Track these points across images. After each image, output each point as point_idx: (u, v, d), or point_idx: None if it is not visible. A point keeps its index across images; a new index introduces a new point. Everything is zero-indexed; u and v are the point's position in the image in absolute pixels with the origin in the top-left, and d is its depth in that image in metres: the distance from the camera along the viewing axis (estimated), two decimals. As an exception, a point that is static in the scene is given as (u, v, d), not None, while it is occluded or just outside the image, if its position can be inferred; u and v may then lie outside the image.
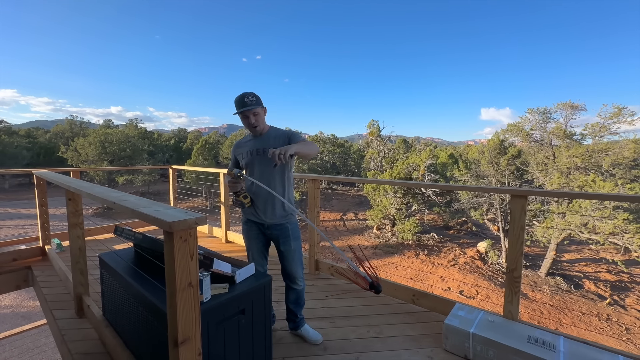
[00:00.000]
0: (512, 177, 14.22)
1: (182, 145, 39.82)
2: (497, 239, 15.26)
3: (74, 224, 2.25)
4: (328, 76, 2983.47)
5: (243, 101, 1.84)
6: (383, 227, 17.91)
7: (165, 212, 1.14)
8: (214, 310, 1.42)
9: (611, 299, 11.11)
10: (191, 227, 1.06)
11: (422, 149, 22.24)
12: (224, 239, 4.44)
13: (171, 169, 5.26)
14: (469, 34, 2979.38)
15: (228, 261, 1.79)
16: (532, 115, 13.46)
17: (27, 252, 3.55)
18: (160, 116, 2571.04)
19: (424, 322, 2.35)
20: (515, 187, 13.92)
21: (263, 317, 1.71)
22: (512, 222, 2.00)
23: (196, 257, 1.11)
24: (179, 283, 1.07)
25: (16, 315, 9.06)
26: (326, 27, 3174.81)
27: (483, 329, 1.92)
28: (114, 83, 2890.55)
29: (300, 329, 2.13)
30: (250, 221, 2.02)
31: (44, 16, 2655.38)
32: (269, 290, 1.73)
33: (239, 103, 1.85)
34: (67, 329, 2.21)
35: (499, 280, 12.41)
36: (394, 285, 2.70)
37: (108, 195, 1.55)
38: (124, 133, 26.33)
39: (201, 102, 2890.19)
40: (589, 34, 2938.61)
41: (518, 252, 1.99)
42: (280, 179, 1.94)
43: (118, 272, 1.78)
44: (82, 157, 22.49)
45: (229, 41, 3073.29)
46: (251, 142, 1.99)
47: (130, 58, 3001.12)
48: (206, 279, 1.42)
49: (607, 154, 10.89)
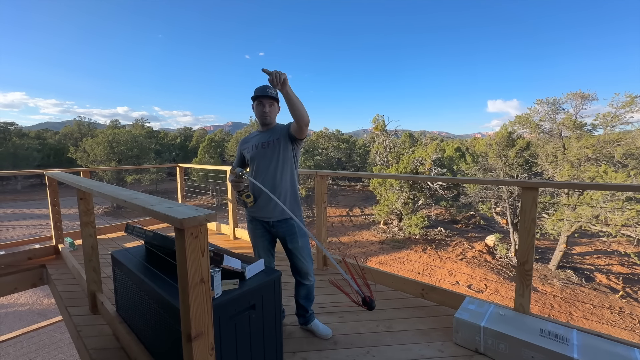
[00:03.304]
0: (520, 169, 14.02)
1: (188, 144, 40.14)
2: (506, 233, 15.10)
3: (86, 222, 2.29)
4: (332, 71, 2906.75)
5: (265, 89, 1.90)
6: (390, 222, 17.86)
7: (176, 209, 1.15)
8: (225, 305, 1.44)
9: (624, 291, 10.93)
10: (202, 224, 1.07)
11: (428, 142, 22.03)
12: (232, 235, 4.48)
13: (178, 168, 5.31)
14: (475, 24, 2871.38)
15: (237, 257, 1.81)
16: (541, 106, 13.20)
17: (41, 251, 3.64)
18: (165, 115, 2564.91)
19: (434, 316, 2.34)
20: (525, 179, 13.75)
21: (273, 312, 1.72)
22: (522, 214, 1.97)
23: (207, 253, 1.12)
24: (191, 279, 1.08)
25: (32, 313, 9.32)
26: (330, 19, 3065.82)
27: (494, 323, 1.91)
28: (119, 83, 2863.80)
29: (310, 324, 2.14)
30: (255, 219, 2.01)
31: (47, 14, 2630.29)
32: (279, 285, 1.74)
33: (260, 89, 1.90)
34: (82, 325, 2.26)
35: (508, 273, 12.30)
36: (403, 279, 2.69)
37: (119, 193, 1.57)
38: (131, 133, 26.64)
39: (206, 101, 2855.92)
40: (597, 20, 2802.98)
41: (529, 245, 1.96)
42: (287, 172, 1.94)
43: (130, 269, 1.82)
44: (90, 158, 22.85)
45: (231, 38, 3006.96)
46: (257, 136, 2.01)
47: (135, 57, 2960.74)
48: (217, 275, 1.44)
49: (620, 144, 10.63)
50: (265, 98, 1.90)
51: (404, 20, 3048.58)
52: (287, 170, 1.94)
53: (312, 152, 25.48)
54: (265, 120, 1.94)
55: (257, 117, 1.97)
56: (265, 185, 1.87)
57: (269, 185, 1.89)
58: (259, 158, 1.94)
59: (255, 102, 1.93)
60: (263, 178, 1.91)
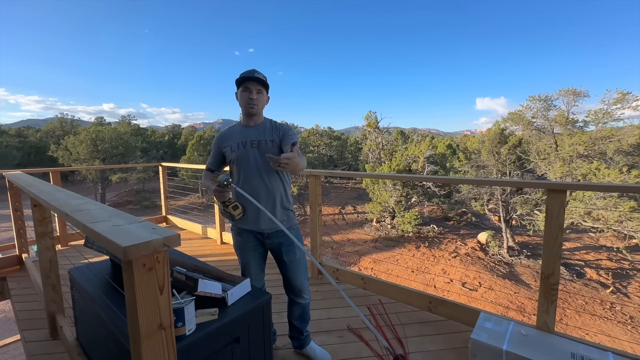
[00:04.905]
0: (513, 166, 14.01)
1: (176, 142, 39.21)
2: (498, 229, 15.11)
3: (42, 233, 1.95)
4: (323, 67, 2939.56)
5: (252, 73, 1.60)
6: (383, 220, 17.71)
7: (125, 228, 0.85)
8: (200, 344, 1.14)
9: (614, 287, 11.03)
10: (157, 251, 0.77)
11: (419, 140, 21.93)
12: (219, 240, 4.16)
13: (161, 167, 4.95)
14: (465, 22, 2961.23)
15: (218, 275, 1.51)
16: (533, 102, 13.19)
17: (3, 261, 3.25)
18: (153, 112, 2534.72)
19: (444, 333, 2.09)
20: (518, 176, 13.73)
21: (262, 343, 1.43)
22: (548, 221, 1.73)
23: (167, 289, 0.82)
24: (145, 327, 0.78)
25: (9, 321, 8.78)
26: (321, 15, 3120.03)
27: (517, 346, 1.66)
28: (105, 79, 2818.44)
29: (306, 347, 1.87)
30: (246, 231, 1.69)
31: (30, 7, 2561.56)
32: (268, 310, 1.45)
33: (246, 73, 1.60)
34: (37, 354, 1.93)
35: (501, 270, 12.29)
36: (408, 291, 2.44)
37: (65, 203, 1.26)
38: (116, 130, 25.73)
39: (195, 97, 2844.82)
40: (582, 17, 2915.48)
41: (556, 256, 1.72)
42: (280, 176, 1.66)
43: (88, 293, 1.50)
44: (73, 156, 21.97)
45: (221, 34, 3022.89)
46: (242, 132, 1.68)
47: (122, 53, 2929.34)
48: (189, 306, 1.14)
49: (611, 141, 10.67)
50: (252, 82, 1.58)
51: (396, 18, 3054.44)
52: (283, 174, 1.67)
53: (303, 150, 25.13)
54: (252, 110, 1.61)
55: (242, 106, 1.64)
56: (257, 193, 1.58)
57: (262, 193, 1.60)
58: (249, 160, 1.62)
59: (241, 88, 1.61)
60: (253, 184, 1.60)
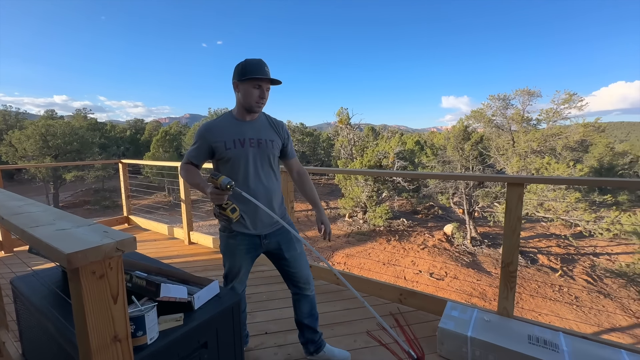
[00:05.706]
0: (475, 162, 14.85)
1: (139, 137, 36.90)
2: (462, 221, 16.02)
3: (-23, 240, 1.73)
4: (295, 62, 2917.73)
5: (264, 67, 1.41)
6: (355, 215, 18.03)
7: (71, 232, 0.76)
8: (163, 353, 1.07)
9: (562, 270, 12.16)
10: (109, 257, 0.70)
11: (389, 136, 22.52)
12: (186, 240, 3.98)
13: (121, 164, 4.62)
14: (435, 18, 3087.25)
15: (185, 279, 1.43)
16: (493, 101, 14.04)
17: None
18: (113, 106, 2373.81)
19: (414, 323, 2.16)
20: (480, 171, 14.57)
21: (232, 346, 1.38)
22: (507, 212, 1.84)
23: (123, 298, 0.75)
24: (97, 340, 0.71)
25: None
26: (291, 7, 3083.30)
27: (481, 331, 1.76)
28: (57, 70, 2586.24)
29: (324, 350, 1.75)
30: (241, 234, 1.54)
31: None
32: (238, 312, 1.40)
33: (257, 66, 1.41)
34: (-25, 375, 1.72)
35: (465, 260, 13.04)
36: (380, 284, 2.49)
37: (1, 205, 1.11)
38: (69, 124, 23.66)
39: (160, 91, 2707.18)
40: (541, 19, 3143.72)
41: (514, 245, 1.83)
42: (276, 176, 1.60)
43: (34, 306, 1.35)
44: (19, 153, 19.92)
45: (187, 25, 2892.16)
46: (237, 127, 1.51)
47: (75, 43, 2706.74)
48: (151, 313, 1.06)
49: (560, 138, 11.67)
50: (266, 81, 1.44)
51: (363, 12, 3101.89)
52: (277, 173, 1.61)
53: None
54: (259, 109, 1.50)
55: (245, 101, 1.46)
56: (255, 195, 1.46)
57: (261, 194, 1.51)
58: (248, 160, 1.49)
59: (249, 82, 1.42)
60: (252, 186, 1.49)
